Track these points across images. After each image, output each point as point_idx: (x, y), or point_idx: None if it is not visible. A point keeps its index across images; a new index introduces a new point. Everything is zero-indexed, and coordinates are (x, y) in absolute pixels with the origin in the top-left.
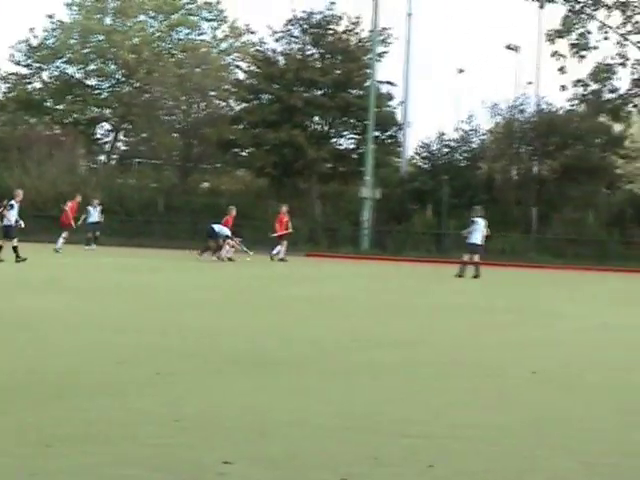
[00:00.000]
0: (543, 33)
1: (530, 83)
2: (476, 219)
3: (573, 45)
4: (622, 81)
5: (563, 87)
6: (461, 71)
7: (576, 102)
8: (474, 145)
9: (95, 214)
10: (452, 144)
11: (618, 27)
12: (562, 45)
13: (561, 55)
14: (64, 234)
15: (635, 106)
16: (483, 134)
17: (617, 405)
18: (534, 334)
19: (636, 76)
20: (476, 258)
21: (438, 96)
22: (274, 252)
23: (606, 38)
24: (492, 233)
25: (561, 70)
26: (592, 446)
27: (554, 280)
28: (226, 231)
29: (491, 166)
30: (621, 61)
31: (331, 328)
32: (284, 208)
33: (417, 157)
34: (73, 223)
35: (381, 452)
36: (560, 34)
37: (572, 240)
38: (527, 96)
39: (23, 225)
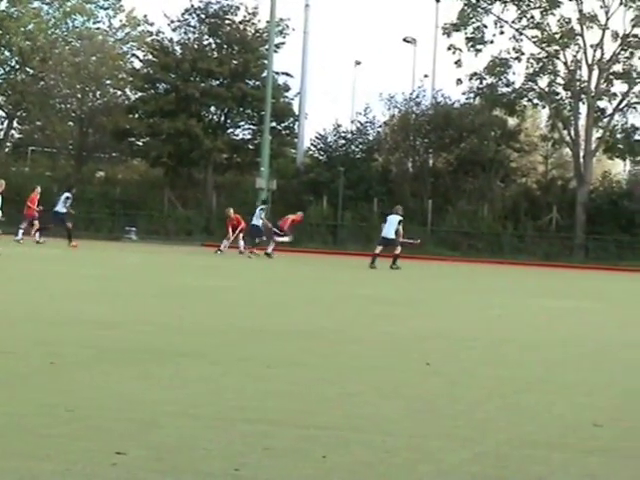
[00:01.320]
0: (440, 26)
1: (426, 76)
2: (390, 216)
3: (469, 39)
4: (517, 75)
5: (459, 80)
6: (358, 63)
7: (472, 96)
8: (370, 137)
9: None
10: (348, 136)
11: (513, 22)
12: (458, 39)
13: (457, 49)
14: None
15: (529, 100)
16: (379, 126)
17: (506, 399)
18: (429, 325)
19: (531, 70)
20: (397, 251)
21: (335, 88)
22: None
23: (502, 32)
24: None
25: (457, 63)
26: (484, 437)
27: (450, 272)
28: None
29: (387, 158)
30: (516, 55)
31: (227, 319)
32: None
33: (313, 148)
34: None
35: (274, 443)
36: (456, 28)
37: (467, 233)
38: (423, 89)
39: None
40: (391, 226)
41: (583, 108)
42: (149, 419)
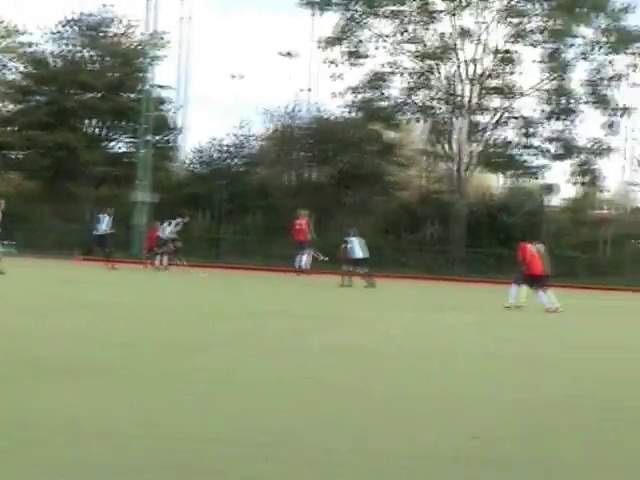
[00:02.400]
0: (319, 40)
1: (309, 90)
2: (351, 238)
3: (347, 53)
4: (395, 89)
5: (338, 94)
6: (239, 76)
7: (350, 109)
8: (250, 151)
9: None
10: (228, 149)
11: (391, 36)
12: (337, 52)
13: (335, 62)
14: None
15: (407, 114)
16: (259, 140)
17: (385, 411)
18: (313, 339)
19: (408, 85)
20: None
21: (215, 101)
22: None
23: (380, 47)
24: (269, 239)
25: (335, 78)
26: (374, 452)
27: (332, 286)
28: None
29: (268, 172)
30: (394, 70)
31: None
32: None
33: (193, 162)
34: None
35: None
36: (335, 42)
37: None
38: (303, 102)
39: None
40: (358, 247)
41: (460, 122)
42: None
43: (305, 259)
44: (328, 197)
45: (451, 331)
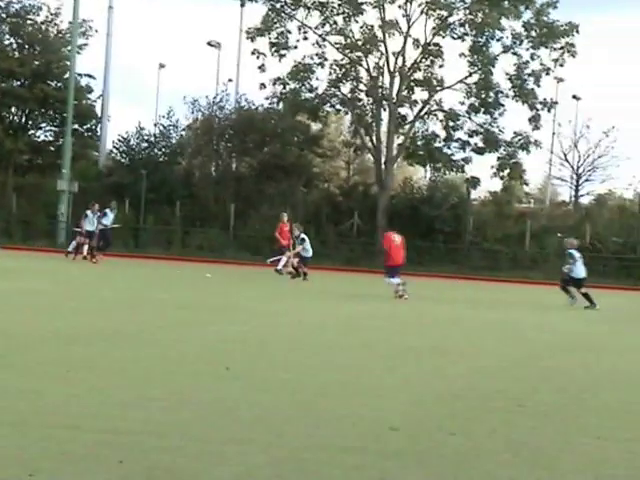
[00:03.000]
0: (244, 31)
1: (230, 80)
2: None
3: (273, 44)
4: (320, 81)
5: (262, 85)
6: (162, 66)
7: (275, 100)
8: (173, 141)
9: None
10: (151, 139)
11: (317, 27)
12: (263, 43)
13: (261, 53)
14: None
15: (332, 106)
16: (183, 130)
17: (304, 403)
18: (230, 330)
19: (334, 76)
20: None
21: (139, 90)
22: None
23: (305, 38)
24: (190, 229)
25: (261, 68)
26: (281, 441)
27: (252, 277)
28: None
29: (190, 162)
30: (319, 61)
31: (29, 323)
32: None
33: (116, 151)
34: None
35: (71, 448)
36: (260, 32)
37: (269, 237)
38: (227, 93)
39: None
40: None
41: (385, 115)
42: None
43: (284, 261)
44: (250, 188)
45: (371, 322)
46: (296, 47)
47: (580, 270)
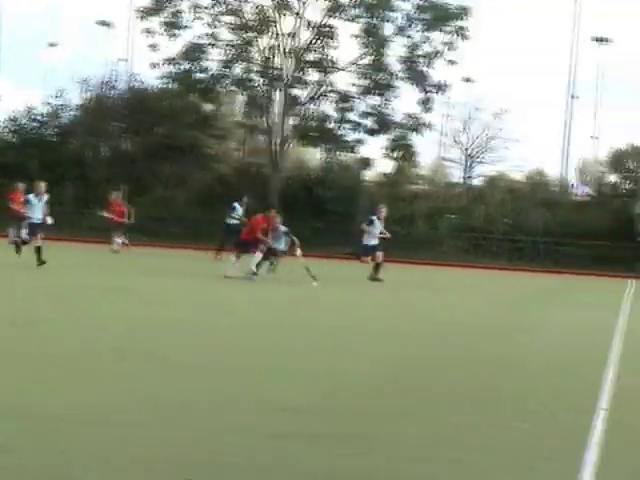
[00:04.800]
0: (137, 9)
1: (123, 60)
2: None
3: (165, 23)
4: (213, 62)
5: (154, 65)
6: (53, 45)
7: (167, 80)
8: (65, 120)
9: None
10: (41, 119)
11: (209, 7)
12: (155, 23)
13: (153, 33)
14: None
15: (225, 87)
16: (74, 109)
17: (206, 385)
18: (125, 312)
19: (226, 57)
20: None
21: (29, 69)
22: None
23: (198, 18)
24: (81, 210)
25: (153, 47)
26: (181, 423)
27: (145, 259)
28: None
29: (82, 142)
30: (212, 42)
31: None
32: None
33: (5, 131)
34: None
35: None
36: (152, 12)
37: (162, 219)
38: (119, 72)
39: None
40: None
41: (278, 96)
42: None
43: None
44: (142, 169)
45: (265, 305)
46: (189, 27)
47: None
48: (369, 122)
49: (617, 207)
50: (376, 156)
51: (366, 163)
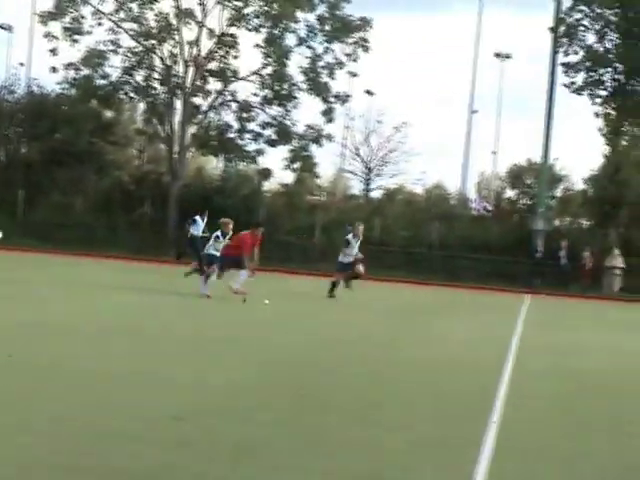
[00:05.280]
0: (38, 14)
1: (22, 64)
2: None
3: (66, 28)
4: (114, 68)
5: (54, 69)
6: None
7: (67, 86)
8: None
9: None
10: None
11: (111, 14)
12: (56, 27)
13: (54, 37)
14: None
15: (126, 94)
16: None
17: (90, 392)
18: (12, 317)
19: (127, 64)
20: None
21: None
22: None
23: (100, 24)
24: None
25: (53, 52)
26: (65, 430)
27: (38, 264)
28: None
29: None
30: (113, 48)
31: None
32: None
33: None
34: None
35: None
36: (53, 16)
37: (60, 224)
38: (18, 77)
39: None
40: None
41: (178, 104)
42: None
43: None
44: (39, 174)
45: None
46: (90, 32)
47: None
48: (270, 132)
49: (515, 222)
50: (276, 166)
51: (266, 173)
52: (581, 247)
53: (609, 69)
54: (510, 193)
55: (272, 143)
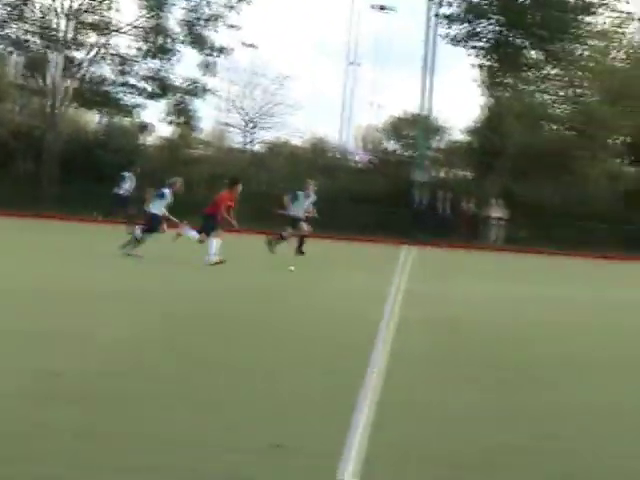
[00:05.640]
0: None
1: None
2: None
3: None
4: None
5: None
6: None
7: None
8: None
9: None
10: None
11: None
12: None
13: None
14: None
15: (1, 48)
16: None
17: None
18: None
19: (1, 17)
20: None
21: None
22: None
23: None
24: None
25: None
26: None
27: None
28: None
29: None
30: None
31: None
32: None
33: None
34: None
35: None
36: None
37: None
38: None
39: None
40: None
41: (55, 57)
42: None
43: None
44: None
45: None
46: None
47: None
48: (149, 86)
49: (396, 174)
50: (156, 120)
51: (146, 127)
52: (462, 198)
53: (490, 21)
54: (391, 145)
55: (152, 96)
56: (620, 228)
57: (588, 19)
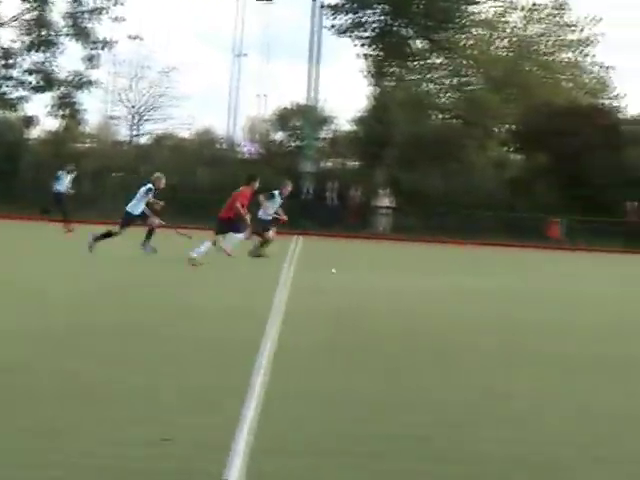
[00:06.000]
0: None
1: None
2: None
3: None
4: None
5: None
6: None
7: None
8: None
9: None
10: None
11: None
12: None
13: None
14: None
15: None
16: None
17: None
18: None
19: None
20: None
21: None
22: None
23: None
24: None
25: None
26: None
27: None
28: None
29: None
30: None
31: None
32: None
33: None
34: None
35: None
36: None
37: None
38: None
39: None
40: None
41: None
42: None
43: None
44: None
45: None
46: None
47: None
48: (33, 79)
49: (284, 165)
50: (40, 113)
51: (31, 121)
52: (350, 187)
53: (376, 10)
54: (279, 136)
55: (36, 90)
56: (505, 215)
57: (472, 8)
